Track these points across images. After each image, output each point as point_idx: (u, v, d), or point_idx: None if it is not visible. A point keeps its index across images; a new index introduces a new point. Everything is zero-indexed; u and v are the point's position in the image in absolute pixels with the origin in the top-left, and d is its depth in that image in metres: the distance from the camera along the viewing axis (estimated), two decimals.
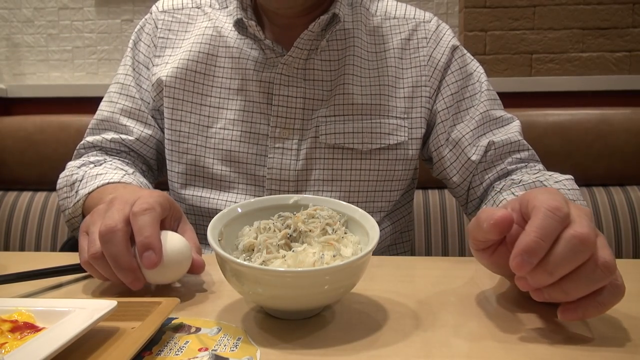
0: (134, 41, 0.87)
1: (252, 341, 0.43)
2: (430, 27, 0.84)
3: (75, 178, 0.77)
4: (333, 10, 0.76)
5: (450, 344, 0.42)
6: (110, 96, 0.86)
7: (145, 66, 0.85)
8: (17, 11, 2.21)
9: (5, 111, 2.10)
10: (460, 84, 0.82)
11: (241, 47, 0.80)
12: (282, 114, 0.78)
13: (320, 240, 0.48)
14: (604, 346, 0.42)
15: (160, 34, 0.85)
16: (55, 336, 0.36)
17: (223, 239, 0.50)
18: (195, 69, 0.81)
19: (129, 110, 0.84)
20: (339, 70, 0.79)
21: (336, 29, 0.79)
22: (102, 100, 0.87)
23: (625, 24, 1.89)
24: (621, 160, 1.18)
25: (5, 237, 1.27)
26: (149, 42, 0.85)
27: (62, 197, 0.80)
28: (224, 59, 0.81)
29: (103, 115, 0.85)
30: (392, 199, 0.83)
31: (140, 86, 0.85)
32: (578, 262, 0.41)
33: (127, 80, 0.86)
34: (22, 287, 0.55)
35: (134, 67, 0.86)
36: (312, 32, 0.76)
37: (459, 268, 0.64)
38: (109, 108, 0.85)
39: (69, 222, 0.77)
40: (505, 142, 0.80)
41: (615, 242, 1.13)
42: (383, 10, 0.85)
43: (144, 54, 0.86)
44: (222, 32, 0.82)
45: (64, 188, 0.80)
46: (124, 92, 0.85)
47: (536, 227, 0.41)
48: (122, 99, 0.85)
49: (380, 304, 0.51)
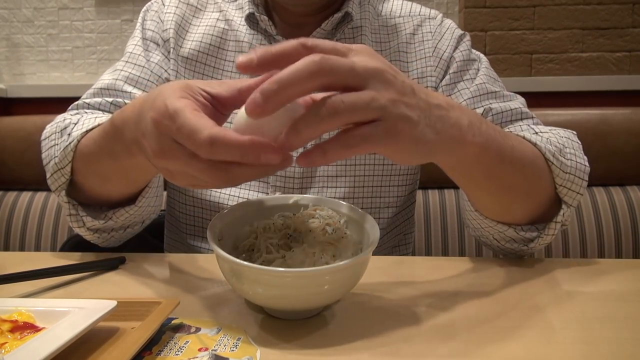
0: (141, 21, 0.84)
1: (252, 341, 0.43)
2: (435, 22, 0.84)
3: (67, 122, 0.68)
4: (346, 9, 0.76)
5: (450, 344, 0.42)
6: (115, 66, 0.81)
7: (154, 42, 0.82)
8: (17, 11, 2.21)
9: (5, 111, 2.10)
10: (461, 65, 0.80)
11: (251, 42, 0.79)
12: None
13: (320, 240, 0.48)
14: (604, 346, 0.42)
15: (167, 9, 0.82)
16: (55, 336, 0.36)
17: (223, 239, 0.50)
18: (204, 62, 0.80)
19: (135, 79, 0.78)
20: None
21: (347, 28, 0.79)
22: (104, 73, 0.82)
23: (625, 24, 1.89)
24: (621, 160, 1.17)
25: (5, 237, 1.27)
26: (157, 19, 0.83)
27: (48, 146, 0.69)
28: (233, 53, 0.80)
29: (104, 83, 0.78)
30: (399, 194, 0.82)
31: (149, 58, 0.81)
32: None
33: (137, 50, 0.81)
34: (22, 287, 0.55)
35: (143, 44, 0.82)
36: (324, 30, 0.76)
37: (459, 268, 0.64)
38: (112, 76, 0.78)
39: (54, 175, 0.66)
40: (505, 108, 0.74)
41: (615, 242, 1.13)
42: (389, 9, 0.85)
43: (152, 29, 0.82)
44: (233, 25, 0.81)
45: (51, 136, 0.69)
46: (131, 61, 0.80)
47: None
48: (129, 67, 0.79)
49: (380, 304, 0.51)
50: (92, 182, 0.65)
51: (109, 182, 0.64)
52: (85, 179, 0.66)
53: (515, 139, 0.62)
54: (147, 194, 0.67)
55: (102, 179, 0.64)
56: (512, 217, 0.65)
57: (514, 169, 0.59)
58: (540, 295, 0.53)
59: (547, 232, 0.63)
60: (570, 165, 0.64)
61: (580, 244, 1.13)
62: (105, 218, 0.67)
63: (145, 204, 0.68)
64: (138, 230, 0.74)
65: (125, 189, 0.65)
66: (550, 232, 0.63)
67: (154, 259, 0.67)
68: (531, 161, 0.62)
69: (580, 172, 0.65)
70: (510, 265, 0.64)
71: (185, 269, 0.63)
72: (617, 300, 0.53)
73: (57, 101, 2.06)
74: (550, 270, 0.61)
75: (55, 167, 0.65)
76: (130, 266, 0.64)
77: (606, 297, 0.54)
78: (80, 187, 0.67)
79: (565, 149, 0.66)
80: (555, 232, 0.64)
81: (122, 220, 0.67)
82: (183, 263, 0.66)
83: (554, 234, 0.64)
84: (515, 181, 0.60)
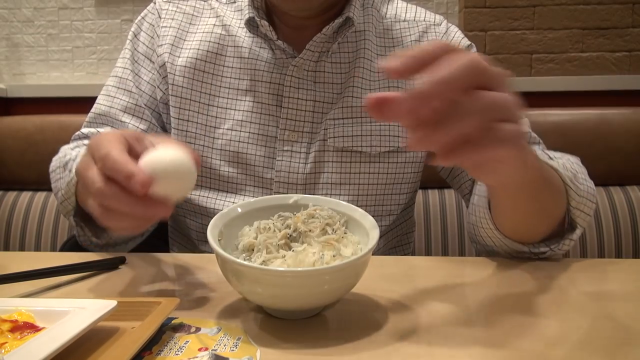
0: (134, 32, 0.85)
1: (252, 341, 0.43)
2: (440, 30, 0.83)
3: (68, 158, 0.74)
4: (347, 13, 0.75)
5: (450, 344, 0.42)
6: (108, 90, 0.84)
7: (147, 57, 0.83)
8: (17, 11, 2.21)
9: (5, 111, 2.10)
10: None
11: (250, 47, 0.79)
12: (291, 116, 0.77)
13: (320, 240, 0.48)
14: (604, 346, 0.42)
15: (163, 23, 0.82)
16: (55, 336, 0.36)
17: (223, 239, 0.50)
18: (203, 69, 0.79)
19: (126, 106, 0.82)
20: (349, 73, 0.78)
21: (349, 32, 0.78)
22: (100, 93, 0.85)
23: (625, 24, 1.89)
24: (621, 160, 1.18)
25: (5, 237, 1.27)
26: (152, 33, 0.83)
27: (55, 178, 0.77)
28: (232, 59, 0.79)
29: (101, 109, 0.83)
30: (400, 202, 0.82)
31: (139, 78, 0.82)
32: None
33: (125, 74, 0.83)
34: (22, 287, 0.55)
35: (133, 59, 0.83)
36: (325, 34, 0.76)
37: (459, 268, 0.64)
38: (107, 102, 0.83)
39: (63, 204, 0.72)
40: None
41: (615, 242, 1.13)
42: (393, 12, 0.84)
43: (146, 44, 0.83)
44: (231, 30, 0.80)
45: (57, 170, 0.76)
46: (122, 87, 0.83)
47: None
48: (120, 93, 0.82)
49: (380, 304, 0.51)
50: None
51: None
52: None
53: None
54: None
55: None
56: (534, 237, 0.67)
57: (551, 192, 0.62)
58: (540, 295, 0.53)
59: (560, 248, 0.66)
60: (583, 189, 0.66)
61: (580, 243, 1.13)
62: (107, 237, 0.72)
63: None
64: (141, 240, 0.78)
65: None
66: (564, 248, 0.66)
67: (154, 259, 0.67)
68: (557, 185, 0.64)
69: (591, 195, 0.68)
70: (510, 266, 0.64)
71: (185, 269, 0.63)
72: (617, 300, 0.53)
73: (57, 101, 2.07)
74: (549, 270, 0.61)
75: (62, 197, 0.71)
76: (130, 266, 0.64)
77: (606, 296, 0.54)
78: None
79: (578, 174, 0.68)
80: (567, 249, 0.67)
81: (121, 237, 0.72)
82: (183, 263, 0.66)
83: (566, 250, 0.67)
84: (550, 204, 0.64)
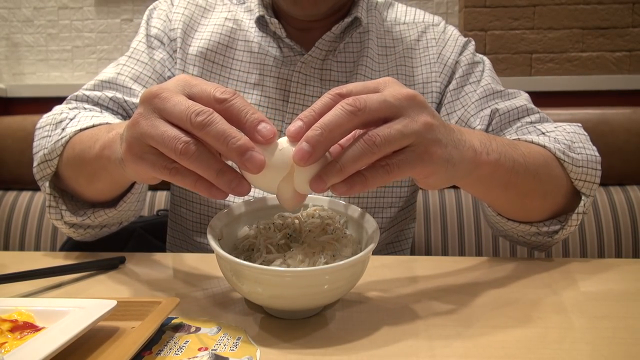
0: (147, 19, 0.84)
1: (252, 341, 0.43)
2: (439, 29, 0.86)
3: (64, 116, 0.69)
4: (355, 14, 0.77)
5: (450, 344, 0.42)
6: (117, 61, 0.82)
7: (158, 39, 0.82)
8: (17, 11, 2.21)
9: (5, 111, 2.10)
10: (466, 69, 0.82)
11: (260, 43, 0.80)
12: (297, 111, 0.78)
13: (320, 240, 0.48)
14: (604, 346, 0.42)
15: (176, 9, 0.83)
16: (55, 336, 0.36)
17: (223, 239, 0.50)
18: (213, 60, 0.80)
19: (137, 75, 0.79)
20: (353, 72, 0.80)
21: (355, 32, 0.80)
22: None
23: (625, 23, 1.89)
24: (621, 160, 1.17)
25: (5, 237, 1.27)
26: (164, 17, 0.83)
27: (41, 135, 0.70)
28: (242, 53, 0.80)
29: (106, 76, 0.79)
30: (402, 195, 0.83)
31: (152, 54, 0.81)
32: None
33: (140, 46, 0.82)
34: (22, 287, 0.55)
35: (147, 41, 0.82)
36: (334, 33, 0.77)
37: (459, 268, 0.64)
38: (115, 70, 0.79)
39: (41, 165, 0.67)
40: (510, 107, 0.77)
41: (615, 242, 1.13)
42: (394, 16, 0.87)
43: (158, 27, 0.83)
44: (242, 26, 0.82)
45: (46, 127, 0.70)
46: (134, 56, 0.80)
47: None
48: (131, 62, 0.80)
49: (380, 304, 0.51)
50: (79, 180, 0.66)
51: (94, 182, 0.64)
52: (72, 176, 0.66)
53: (524, 146, 0.64)
54: (129, 199, 0.66)
55: (88, 178, 0.64)
56: (533, 217, 0.68)
57: (529, 176, 0.62)
58: (540, 294, 0.53)
59: (569, 224, 0.66)
60: (581, 158, 0.66)
61: (580, 243, 1.13)
62: (84, 216, 0.67)
63: (125, 209, 0.67)
64: (114, 230, 0.73)
65: (109, 192, 0.65)
66: (573, 222, 0.66)
67: (154, 259, 0.67)
68: (543, 164, 0.64)
69: (592, 162, 0.67)
70: (510, 265, 0.64)
71: (186, 269, 0.63)
72: (617, 299, 0.53)
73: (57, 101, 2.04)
74: (550, 270, 0.61)
75: (44, 157, 0.66)
76: (130, 266, 0.64)
77: (606, 296, 0.54)
78: (65, 180, 0.67)
79: (574, 143, 0.68)
80: (577, 222, 0.66)
81: (99, 220, 0.67)
82: (183, 263, 0.66)
83: (576, 224, 0.67)
84: (531, 187, 0.63)
